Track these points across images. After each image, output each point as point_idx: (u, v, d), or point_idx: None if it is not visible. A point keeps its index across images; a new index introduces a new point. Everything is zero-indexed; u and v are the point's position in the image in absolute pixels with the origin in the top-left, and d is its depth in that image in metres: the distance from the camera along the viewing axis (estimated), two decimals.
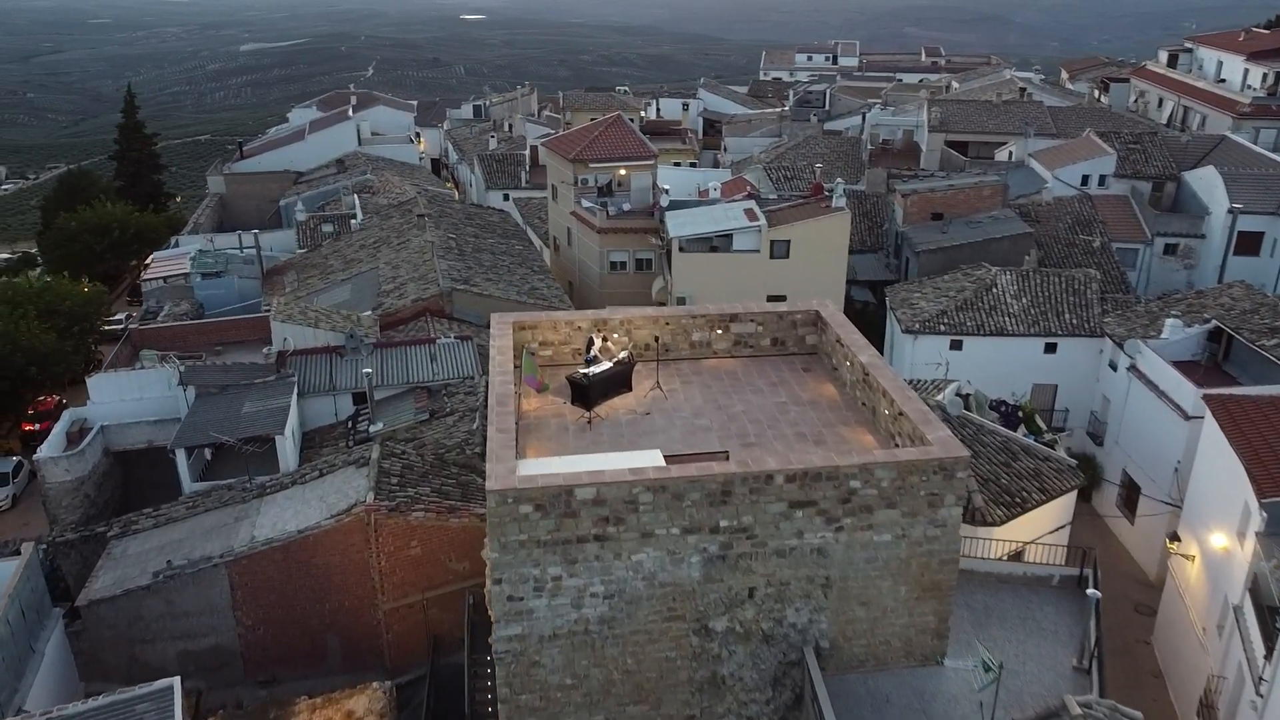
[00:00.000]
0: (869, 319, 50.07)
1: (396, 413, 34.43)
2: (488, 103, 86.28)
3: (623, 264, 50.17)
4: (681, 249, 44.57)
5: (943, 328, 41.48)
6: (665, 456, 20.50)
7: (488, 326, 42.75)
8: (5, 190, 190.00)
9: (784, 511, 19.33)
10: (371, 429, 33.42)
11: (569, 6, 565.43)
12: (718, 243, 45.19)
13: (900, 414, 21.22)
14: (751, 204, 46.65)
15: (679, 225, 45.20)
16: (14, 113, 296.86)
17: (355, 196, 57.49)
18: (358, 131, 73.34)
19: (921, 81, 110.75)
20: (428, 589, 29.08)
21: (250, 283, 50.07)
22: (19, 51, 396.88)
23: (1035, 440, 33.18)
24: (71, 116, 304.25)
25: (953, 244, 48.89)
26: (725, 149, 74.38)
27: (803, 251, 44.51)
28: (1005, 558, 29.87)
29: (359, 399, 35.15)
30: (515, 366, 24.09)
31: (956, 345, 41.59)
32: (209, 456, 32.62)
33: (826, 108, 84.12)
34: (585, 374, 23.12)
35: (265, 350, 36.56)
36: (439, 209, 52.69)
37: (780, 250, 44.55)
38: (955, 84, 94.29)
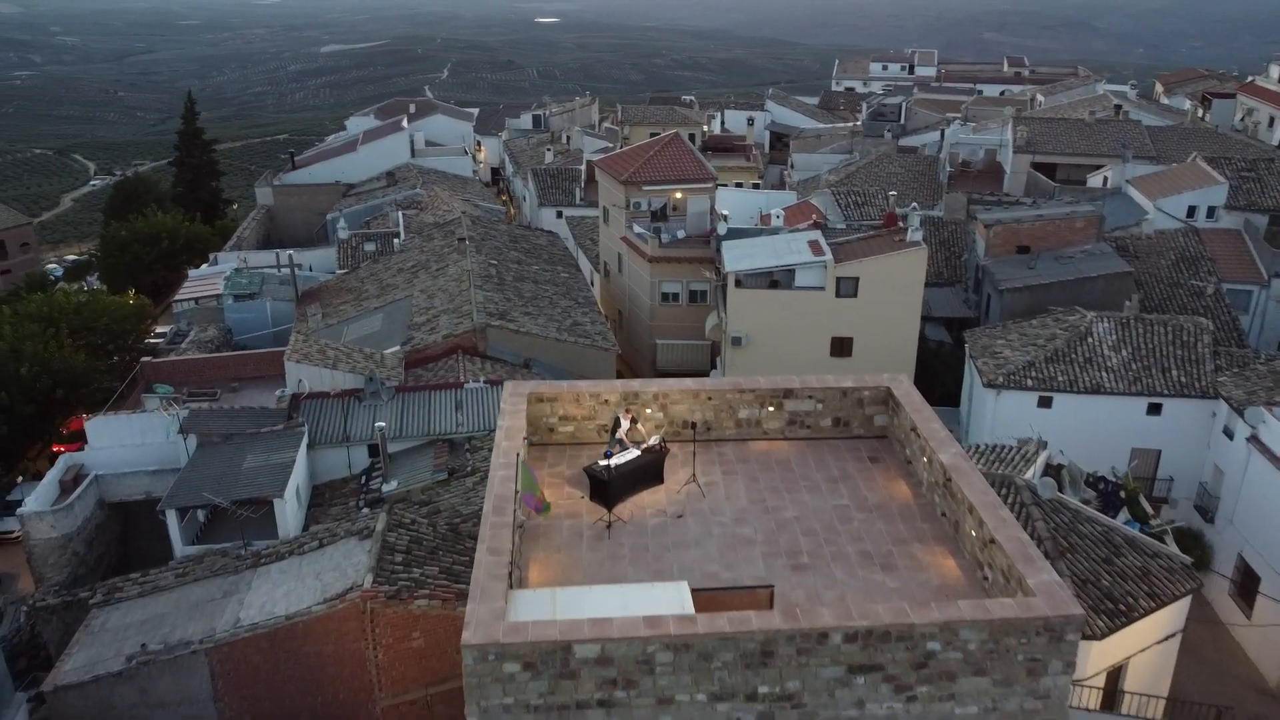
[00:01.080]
0: (945, 361, 45.22)
1: (413, 470, 30.86)
2: (547, 113, 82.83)
3: (675, 296, 46.09)
4: (738, 284, 40.31)
5: (1030, 382, 36.52)
6: (694, 591, 16.42)
7: (525, 366, 39.37)
8: (94, 185, 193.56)
9: (841, 677, 15.05)
10: (384, 489, 29.92)
11: (643, 10, 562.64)
12: (779, 277, 40.81)
13: (991, 541, 16.80)
14: (817, 235, 42.15)
15: (736, 258, 40.94)
16: (105, 110, 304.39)
17: (400, 214, 54.37)
18: (411, 143, 70.47)
19: (1004, 94, 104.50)
20: (432, 684, 25.42)
21: (284, 305, 47.17)
22: (114, 52, 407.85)
23: (1141, 530, 28.24)
24: (159, 114, 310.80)
25: (1041, 282, 43.73)
26: (792, 166, 69.75)
27: (873, 290, 39.92)
28: (1104, 674, 25.15)
29: (375, 450, 31.68)
30: (529, 441, 20.29)
31: (1045, 402, 36.62)
32: (204, 517, 29.38)
33: (902, 122, 78.84)
34: (607, 465, 19.15)
35: (278, 393, 33.33)
36: (482, 231, 49.22)
37: (847, 289, 40.01)
38: (1040, 97, 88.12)
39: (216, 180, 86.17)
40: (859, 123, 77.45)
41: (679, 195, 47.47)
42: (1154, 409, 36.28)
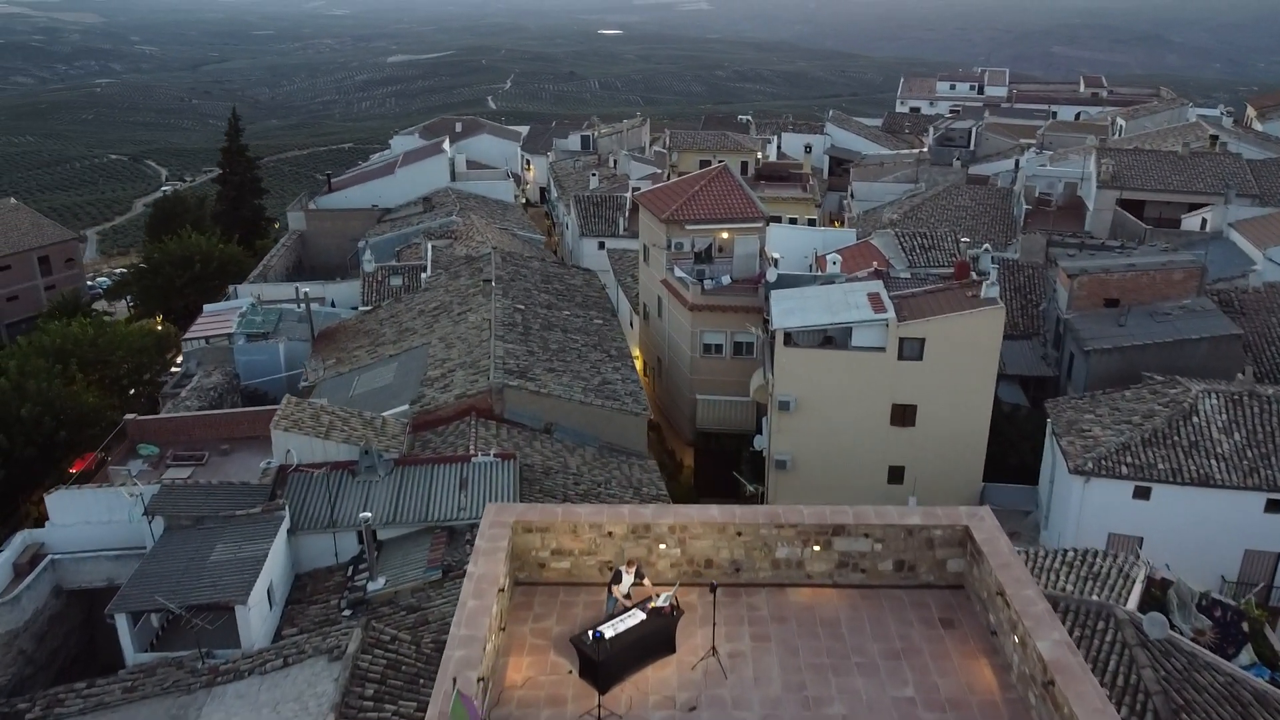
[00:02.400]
0: (1020, 427, 39.83)
1: (404, 564, 26.65)
2: (595, 134, 78.72)
3: (718, 348, 41.43)
4: (788, 341, 35.52)
5: (1124, 470, 31.13)
6: None
7: (545, 431, 35.02)
8: (165, 190, 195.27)
9: None
10: (369, 587, 25.75)
11: (706, 22, 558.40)
12: (834, 334, 35.92)
13: None
14: (878, 287, 37.17)
15: (786, 312, 36.15)
16: (179, 118, 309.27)
17: (429, 245, 50.55)
18: (451, 166, 66.78)
19: (1080, 117, 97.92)
20: None
21: (299, 346, 43.58)
22: (189, 61, 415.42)
23: (1272, 679, 22.86)
24: (228, 119, 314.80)
25: (1134, 344, 38.18)
26: (852, 195, 64.55)
27: (941, 353, 34.83)
28: None
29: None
30: (519, 582, 15.98)
31: (1142, 493, 31.21)
32: (159, 623, 25.47)
33: (971, 148, 73.18)
34: (600, 633, 14.68)
35: (263, 464, 29.42)
36: (512, 270, 45.07)
37: (912, 350, 34.98)
38: (1122, 121, 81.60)
39: (260, 198, 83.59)
40: (925, 149, 71.91)
41: (725, 236, 42.83)
42: (1273, 505, 30.65)
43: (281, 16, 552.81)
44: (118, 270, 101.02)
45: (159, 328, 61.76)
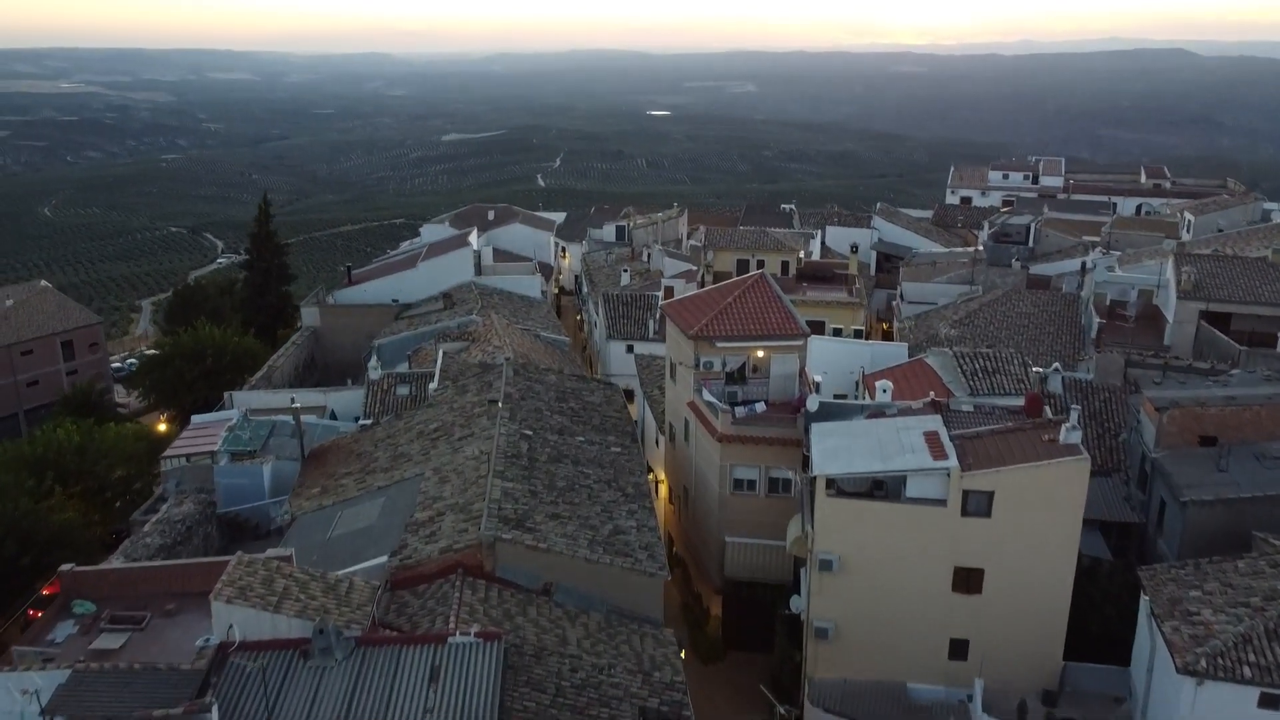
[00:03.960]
0: (1102, 585, 33.60)
1: None
2: (630, 224, 74.68)
3: (751, 484, 36.04)
4: (830, 488, 30.07)
5: (1248, 671, 24.96)
6: None
7: (544, 592, 29.71)
8: (220, 263, 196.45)
9: None
10: None
11: (754, 103, 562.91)
12: (885, 479, 30.41)
13: None
14: (936, 424, 31.69)
15: (829, 453, 30.77)
16: (238, 191, 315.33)
17: (441, 351, 46.17)
18: (476, 259, 62.89)
19: (1142, 210, 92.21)
20: None
21: (288, 468, 39.04)
22: (252, 137, 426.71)
23: None
24: (287, 195, 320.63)
25: (1240, 495, 32.12)
26: (902, 296, 59.32)
27: (1012, 510, 29.11)
28: None
29: None
30: None
31: (1270, 701, 24.97)
32: None
33: (1030, 245, 67.77)
34: None
35: (199, 643, 24.46)
36: (525, 385, 40.32)
37: (978, 505, 29.31)
38: (1190, 216, 75.64)
39: (287, 284, 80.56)
40: (980, 246, 66.60)
41: (760, 354, 37.76)
42: None
43: (343, 96, 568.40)
44: (149, 350, 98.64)
45: (162, 427, 58.08)
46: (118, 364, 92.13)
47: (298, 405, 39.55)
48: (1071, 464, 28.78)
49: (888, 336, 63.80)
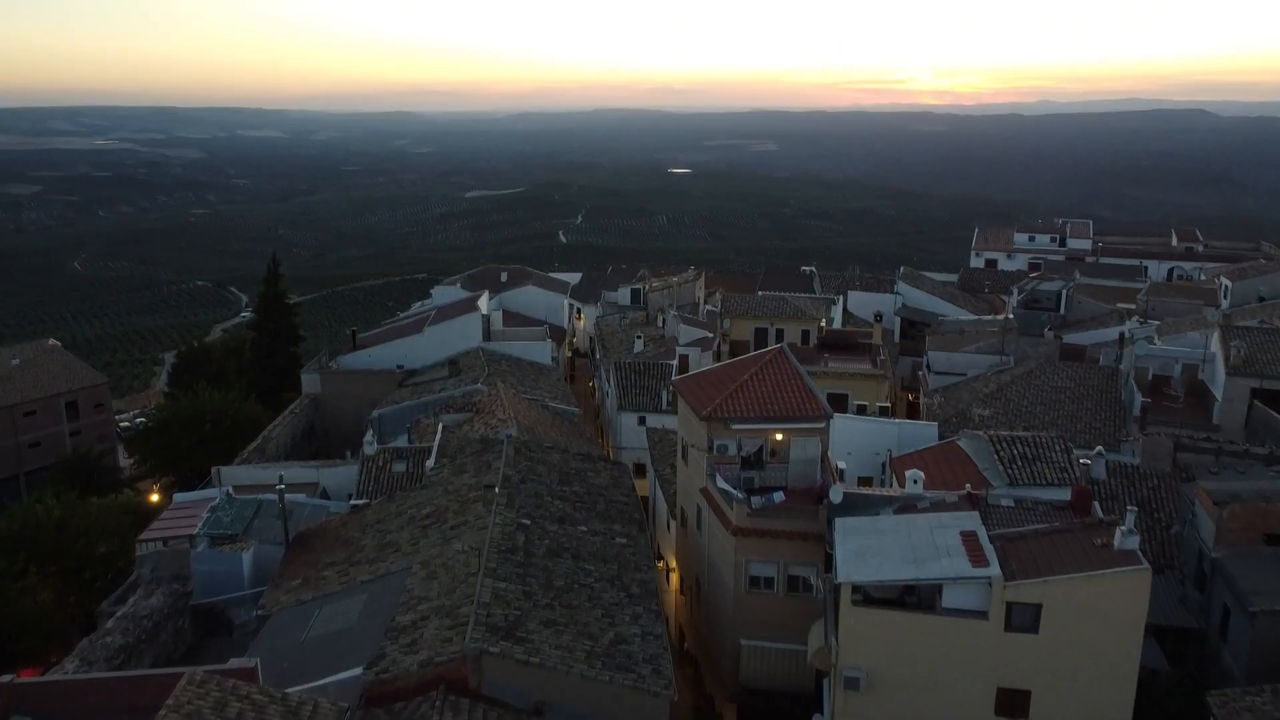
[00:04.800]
0: (1161, 702, 29.91)
1: None
2: (645, 288, 72.22)
3: (768, 581, 32.76)
4: (856, 595, 26.82)
5: None
6: None
7: (535, 713, 26.50)
8: (244, 317, 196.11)
9: None
10: None
11: (774, 161, 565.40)
12: (917, 583, 27.12)
13: None
14: (974, 522, 28.45)
15: (855, 555, 27.56)
16: (264, 246, 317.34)
17: (440, 426, 43.41)
18: (485, 324, 60.46)
19: (1174, 274, 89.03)
20: None
21: (271, 553, 36.14)
22: (279, 193, 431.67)
23: None
24: (313, 250, 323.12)
25: None
26: (929, 367, 56.21)
27: (1063, 625, 25.73)
28: None
29: None
30: None
31: None
32: None
33: (1062, 312, 64.63)
34: None
35: None
36: (526, 465, 37.41)
37: (1024, 619, 25.95)
38: (1227, 281, 72.32)
39: (295, 345, 78.41)
40: (1010, 314, 63.49)
41: (779, 437, 34.72)
42: None
43: (368, 154, 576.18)
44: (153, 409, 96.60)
45: (154, 497, 55.48)
46: (126, 423, 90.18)
47: (283, 486, 36.73)
48: (1130, 575, 25.43)
49: (913, 407, 60.61)
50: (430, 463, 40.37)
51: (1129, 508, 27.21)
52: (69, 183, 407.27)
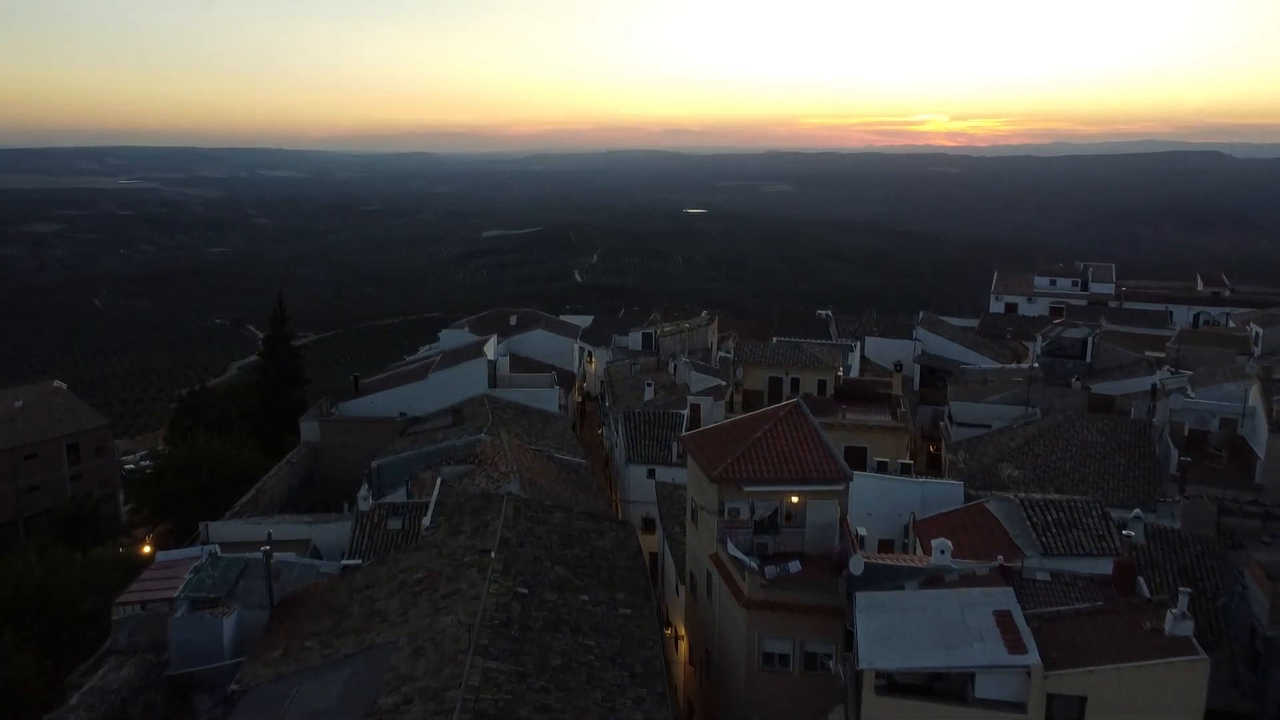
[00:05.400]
0: None
1: None
2: (657, 332, 70.19)
3: (783, 658, 30.19)
4: (880, 680, 24.27)
5: None
6: None
7: None
8: (257, 357, 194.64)
9: None
10: None
11: (789, 202, 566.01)
12: (947, 671, 24.54)
13: None
14: (1008, 600, 25.89)
15: (877, 637, 25.04)
16: (283, 284, 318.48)
17: (438, 481, 41.18)
18: (491, 370, 58.48)
19: (1200, 319, 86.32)
20: None
21: (255, 617, 33.81)
22: (298, 231, 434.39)
23: None
24: (329, 289, 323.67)
25: None
26: (950, 418, 53.73)
27: (1110, 719, 23.10)
28: None
29: None
30: None
31: None
32: None
33: (1088, 359, 62.08)
34: None
35: None
36: (526, 526, 35.09)
37: (1067, 713, 23.31)
38: (1258, 329, 69.65)
39: (301, 388, 76.61)
40: (1034, 363, 60.98)
41: (795, 500, 32.33)
42: None
43: (387, 194, 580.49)
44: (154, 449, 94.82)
45: (147, 549, 53.39)
46: (132, 465, 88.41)
47: (269, 547, 34.52)
48: (1186, 666, 22.82)
49: (934, 459, 58.02)
50: (427, 520, 38.10)
51: (1181, 590, 24.64)
52: (92, 221, 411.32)
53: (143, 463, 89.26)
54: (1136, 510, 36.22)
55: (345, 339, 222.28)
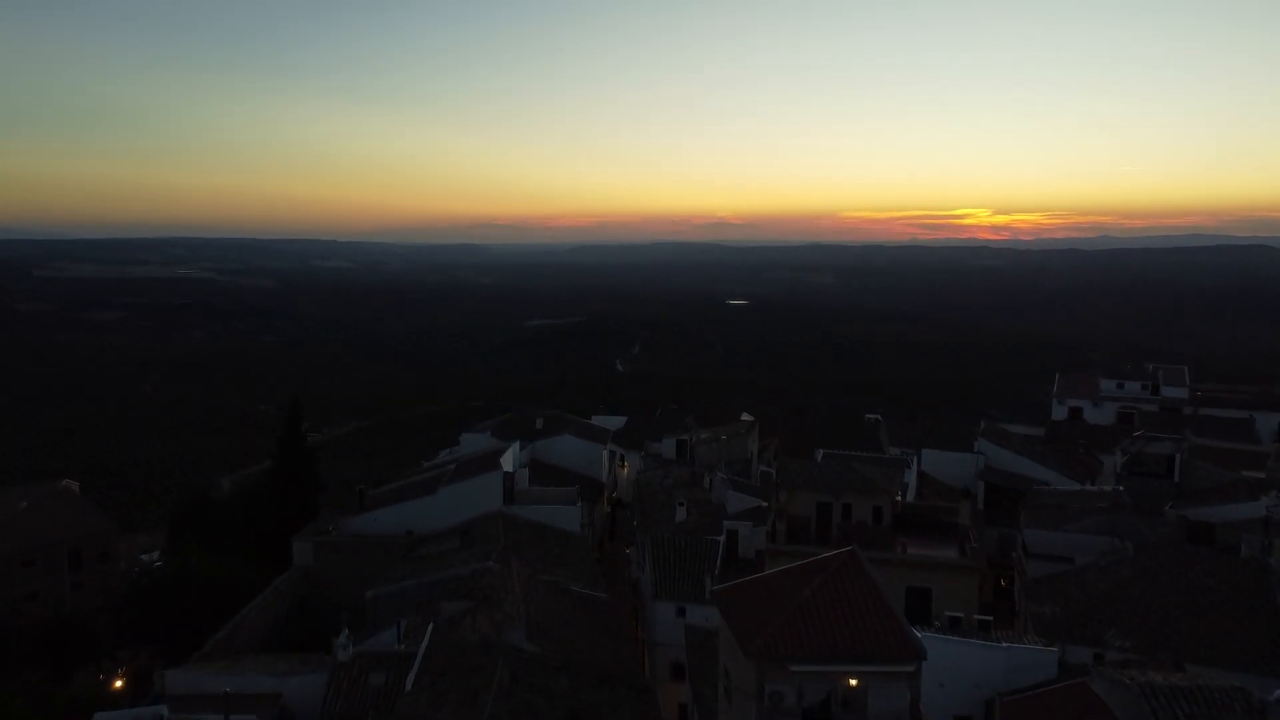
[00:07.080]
0: None
1: None
2: (692, 439, 64.04)
3: None
4: None
5: None
6: None
7: None
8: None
9: None
10: None
11: (831, 293, 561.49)
12: None
13: None
14: None
15: None
16: (328, 372, 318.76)
17: (430, 628, 35.01)
18: (508, 484, 52.65)
19: None
20: None
21: None
22: (345, 320, 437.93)
23: None
24: (373, 376, 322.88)
25: None
26: (1025, 549, 46.50)
27: None
28: None
29: None
30: None
31: None
32: None
33: (1176, 479, 54.63)
34: None
35: None
36: (522, 700, 28.69)
37: None
38: None
39: (314, 494, 71.24)
40: (1118, 485, 53.61)
41: (853, 682, 25.65)
42: None
43: (433, 284, 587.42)
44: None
45: (118, 684, 47.61)
46: (145, 560, 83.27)
47: (226, 714, 28.50)
48: None
49: (1003, 592, 50.59)
50: (410, 679, 31.83)
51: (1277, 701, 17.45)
52: (148, 309, 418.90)
53: (155, 564, 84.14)
54: (1277, 693, 28.82)
55: (384, 428, 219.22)
